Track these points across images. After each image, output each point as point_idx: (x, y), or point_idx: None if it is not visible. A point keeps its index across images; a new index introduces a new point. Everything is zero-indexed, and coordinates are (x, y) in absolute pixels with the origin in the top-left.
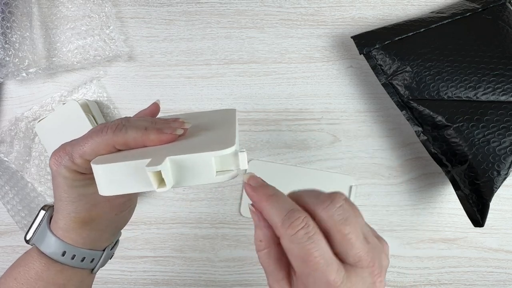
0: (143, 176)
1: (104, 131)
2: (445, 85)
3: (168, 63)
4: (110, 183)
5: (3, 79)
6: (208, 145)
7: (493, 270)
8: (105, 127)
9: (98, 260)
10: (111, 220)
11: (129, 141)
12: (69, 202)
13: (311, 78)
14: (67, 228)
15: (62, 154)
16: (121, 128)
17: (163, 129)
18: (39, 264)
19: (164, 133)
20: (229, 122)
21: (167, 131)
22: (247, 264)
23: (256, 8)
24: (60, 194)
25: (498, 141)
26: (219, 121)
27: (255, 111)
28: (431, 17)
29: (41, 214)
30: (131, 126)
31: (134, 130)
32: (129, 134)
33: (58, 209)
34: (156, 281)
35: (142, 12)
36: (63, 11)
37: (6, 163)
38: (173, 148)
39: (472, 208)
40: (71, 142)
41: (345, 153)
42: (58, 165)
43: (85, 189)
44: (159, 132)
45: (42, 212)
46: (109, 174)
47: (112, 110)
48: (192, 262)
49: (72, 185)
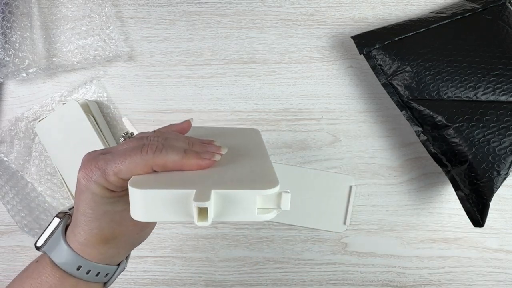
0: (185, 207)
1: (144, 150)
2: (445, 85)
3: (168, 63)
4: (146, 209)
5: (3, 79)
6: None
7: (493, 270)
8: (144, 146)
9: (112, 275)
10: (132, 238)
11: (168, 164)
12: (93, 218)
13: (311, 78)
14: (87, 243)
15: (94, 168)
16: (161, 149)
17: (202, 154)
18: (52, 278)
19: (204, 159)
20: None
21: (206, 156)
22: (247, 264)
23: (256, 8)
24: (84, 209)
25: (498, 141)
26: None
27: (255, 111)
28: (431, 17)
29: (55, 221)
30: (171, 147)
31: (174, 152)
32: (169, 156)
33: (79, 223)
34: (156, 281)
35: (142, 12)
36: (63, 11)
37: (6, 163)
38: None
39: (472, 208)
40: (105, 156)
41: (345, 153)
42: (88, 180)
43: (111, 206)
44: (198, 157)
45: (57, 220)
46: (147, 199)
47: (112, 110)
48: (192, 262)
49: (99, 201)
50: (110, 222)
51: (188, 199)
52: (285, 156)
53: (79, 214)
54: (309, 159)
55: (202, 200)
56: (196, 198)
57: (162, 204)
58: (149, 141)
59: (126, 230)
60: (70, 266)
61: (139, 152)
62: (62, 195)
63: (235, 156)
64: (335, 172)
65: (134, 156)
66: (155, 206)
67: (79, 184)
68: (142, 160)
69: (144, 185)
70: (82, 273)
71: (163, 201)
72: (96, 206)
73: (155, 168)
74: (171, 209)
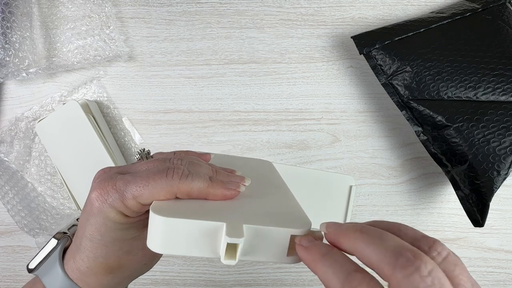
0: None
1: (170, 175)
2: (445, 85)
3: (168, 63)
4: (166, 239)
5: (3, 79)
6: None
7: (493, 270)
8: (169, 169)
9: None
10: (138, 269)
11: (193, 192)
12: (100, 245)
13: (311, 78)
14: (89, 272)
15: (111, 190)
16: (187, 175)
17: (227, 184)
18: None
19: (229, 189)
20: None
21: (232, 186)
22: (247, 264)
23: (256, 8)
24: (93, 234)
25: (498, 141)
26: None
27: (255, 111)
28: (431, 17)
29: (51, 243)
30: (197, 174)
31: (201, 180)
32: (195, 183)
33: (83, 248)
34: (156, 281)
35: (142, 12)
36: (63, 11)
37: (6, 163)
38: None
39: (472, 208)
40: (124, 177)
41: (345, 153)
42: (103, 202)
43: (122, 233)
44: (224, 187)
45: (54, 241)
46: (170, 229)
47: (112, 110)
48: (192, 262)
49: (111, 227)
50: (118, 250)
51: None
52: (285, 156)
53: (85, 239)
54: (309, 159)
55: (235, 235)
56: (228, 233)
57: (186, 236)
58: (174, 164)
59: (133, 260)
60: None
61: (164, 176)
62: (62, 195)
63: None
64: (335, 172)
65: (158, 180)
66: (177, 238)
67: (91, 205)
68: (167, 185)
69: (168, 213)
70: None
71: (187, 233)
72: (106, 231)
73: (179, 195)
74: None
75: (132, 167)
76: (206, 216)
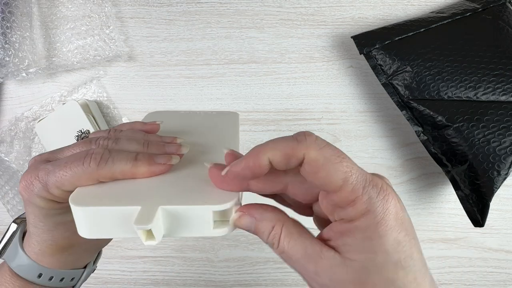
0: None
1: (87, 162)
2: (445, 85)
3: (168, 63)
4: (92, 226)
5: (3, 79)
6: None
7: (493, 270)
8: (87, 156)
9: (78, 278)
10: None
11: (116, 175)
12: (45, 230)
13: (311, 78)
14: (43, 253)
15: (35, 181)
16: (106, 159)
17: (156, 158)
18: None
19: (157, 165)
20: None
21: (161, 161)
22: (247, 264)
23: (256, 8)
24: (34, 221)
25: (498, 141)
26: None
27: (255, 111)
28: (431, 17)
29: (12, 227)
30: (119, 155)
31: (122, 162)
32: (116, 167)
33: (32, 234)
34: (156, 281)
35: (142, 12)
36: (63, 11)
37: (6, 163)
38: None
39: (472, 208)
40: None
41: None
42: (30, 193)
43: (62, 217)
44: (151, 163)
45: (14, 225)
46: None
47: (112, 110)
48: (192, 262)
49: (48, 214)
50: (64, 232)
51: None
52: None
53: (31, 226)
54: None
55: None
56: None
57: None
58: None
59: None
60: (30, 274)
61: (81, 163)
62: None
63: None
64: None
65: (75, 168)
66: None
67: (22, 197)
68: (84, 172)
69: (85, 202)
70: (44, 280)
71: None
72: (45, 218)
73: (102, 180)
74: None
75: (60, 152)
76: (122, 201)
